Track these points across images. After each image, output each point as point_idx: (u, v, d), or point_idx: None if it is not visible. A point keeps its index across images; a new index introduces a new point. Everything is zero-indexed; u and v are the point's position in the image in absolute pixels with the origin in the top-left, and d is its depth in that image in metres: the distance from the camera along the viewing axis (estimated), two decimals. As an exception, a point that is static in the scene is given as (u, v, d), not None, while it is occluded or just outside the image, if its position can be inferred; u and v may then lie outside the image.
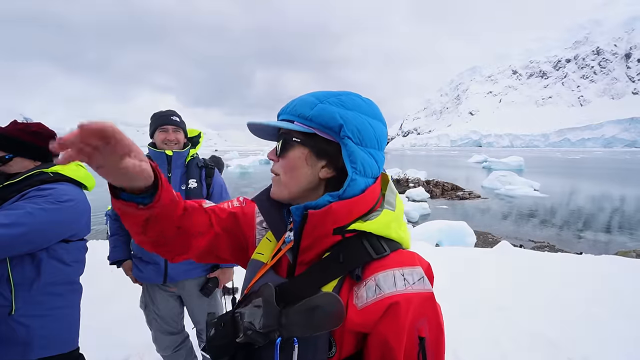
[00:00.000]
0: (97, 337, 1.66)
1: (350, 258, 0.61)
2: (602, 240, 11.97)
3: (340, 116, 0.63)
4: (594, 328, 2.86)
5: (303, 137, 0.66)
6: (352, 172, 0.63)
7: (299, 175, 0.67)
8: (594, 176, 34.52)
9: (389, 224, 0.65)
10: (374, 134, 0.66)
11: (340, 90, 0.69)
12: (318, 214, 0.62)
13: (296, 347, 0.56)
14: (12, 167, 1.37)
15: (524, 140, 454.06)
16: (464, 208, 18.09)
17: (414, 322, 0.58)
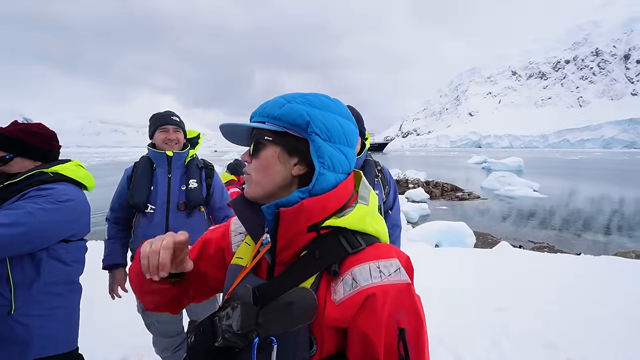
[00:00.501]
0: (96, 337, 1.66)
1: (326, 254, 0.62)
2: (602, 241, 11.98)
3: (307, 113, 0.64)
4: (594, 329, 2.86)
5: (274, 136, 0.66)
6: (319, 166, 0.63)
7: (273, 173, 0.67)
8: (593, 177, 34.56)
9: (364, 218, 0.66)
10: (342, 130, 0.67)
11: (309, 92, 0.71)
12: (290, 212, 0.62)
13: (275, 347, 0.56)
14: (12, 167, 1.37)
15: (524, 141, 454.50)
16: (464, 209, 18.10)
17: (392, 314, 0.58)
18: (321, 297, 0.60)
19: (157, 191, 1.86)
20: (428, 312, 3.10)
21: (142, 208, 1.83)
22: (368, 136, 2.05)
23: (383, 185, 1.97)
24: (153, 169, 1.92)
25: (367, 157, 1.98)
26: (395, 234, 2.05)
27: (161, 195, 1.86)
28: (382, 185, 1.96)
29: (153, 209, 1.84)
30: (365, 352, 0.58)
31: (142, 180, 1.87)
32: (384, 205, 2.00)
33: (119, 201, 1.92)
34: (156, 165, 1.92)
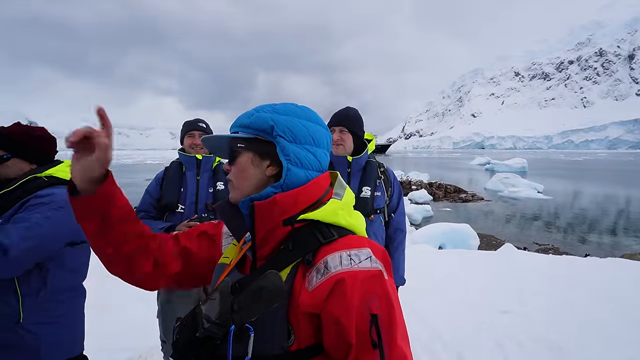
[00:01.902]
0: (101, 340, 1.67)
1: (299, 245, 0.65)
2: (608, 243, 11.86)
3: (271, 119, 0.70)
4: (599, 332, 2.84)
5: (246, 143, 0.73)
6: (286, 163, 0.69)
7: (249, 176, 0.72)
8: (598, 178, 34.29)
9: (336, 211, 0.69)
10: (307, 131, 0.72)
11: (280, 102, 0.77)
12: (264, 205, 0.66)
13: (252, 336, 0.58)
14: (8, 168, 1.36)
15: (527, 142, 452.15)
16: (467, 210, 18.01)
17: (363, 299, 0.60)
18: (297, 286, 0.63)
19: (186, 192, 1.99)
20: (431, 314, 3.08)
21: (173, 207, 1.96)
22: (372, 137, 2.04)
23: (386, 187, 1.93)
24: (183, 172, 2.05)
25: (369, 158, 1.97)
26: (398, 238, 1.97)
27: (190, 196, 1.99)
28: (384, 187, 1.92)
29: (183, 208, 1.96)
30: (338, 336, 0.60)
31: (174, 182, 2.00)
32: (387, 208, 1.95)
33: (149, 200, 2.01)
34: (186, 169, 2.06)
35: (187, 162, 2.04)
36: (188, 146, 2.06)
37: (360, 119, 1.95)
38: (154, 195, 2.02)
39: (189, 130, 2.07)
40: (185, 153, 2.06)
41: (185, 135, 2.08)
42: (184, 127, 2.11)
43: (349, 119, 1.89)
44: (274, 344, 0.60)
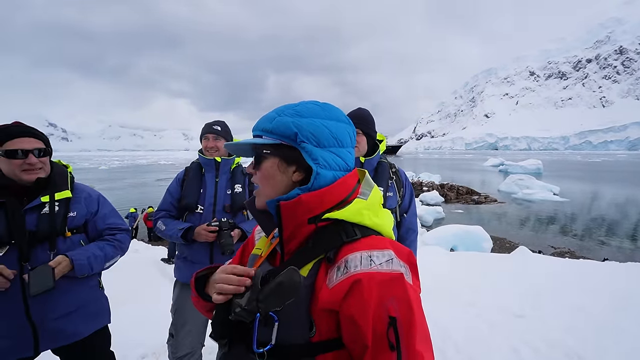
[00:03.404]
0: (115, 336, 1.71)
1: (321, 243, 0.68)
2: (628, 247, 11.46)
3: (294, 125, 0.70)
4: (619, 339, 2.73)
5: (272, 149, 0.73)
6: (315, 167, 0.69)
7: (275, 182, 0.73)
8: (617, 180, 33.17)
9: (361, 211, 0.70)
10: (331, 133, 0.72)
11: (299, 102, 0.77)
12: (289, 204, 0.68)
13: (276, 325, 0.63)
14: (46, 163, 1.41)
15: (542, 143, 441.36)
16: (480, 212, 17.69)
17: (381, 301, 0.61)
18: (319, 282, 0.66)
19: (205, 194, 2.03)
20: (443, 317, 3.03)
21: (192, 208, 1.99)
22: (383, 138, 2.02)
23: (397, 187, 1.93)
24: (202, 174, 2.10)
25: (381, 159, 1.96)
26: (410, 238, 1.98)
27: (209, 198, 2.02)
28: (396, 188, 1.92)
29: (202, 209, 2.00)
30: (354, 335, 0.61)
31: (193, 184, 2.04)
32: (398, 208, 1.95)
33: (170, 200, 2.07)
34: (205, 170, 2.10)
35: (206, 164, 2.08)
36: (204, 149, 2.11)
37: (373, 120, 1.94)
38: (174, 195, 2.06)
39: (204, 134, 2.12)
40: (203, 155, 2.10)
41: (202, 138, 2.13)
42: (202, 130, 2.17)
43: (363, 121, 1.87)
44: (296, 334, 0.64)
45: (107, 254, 1.50)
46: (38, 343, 1.34)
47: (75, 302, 1.44)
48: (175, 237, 1.91)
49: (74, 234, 1.46)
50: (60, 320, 1.39)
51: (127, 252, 1.66)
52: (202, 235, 1.85)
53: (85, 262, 1.39)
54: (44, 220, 1.35)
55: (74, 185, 1.53)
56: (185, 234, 1.89)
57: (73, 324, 1.43)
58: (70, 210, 1.45)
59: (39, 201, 1.36)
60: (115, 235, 1.58)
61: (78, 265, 1.37)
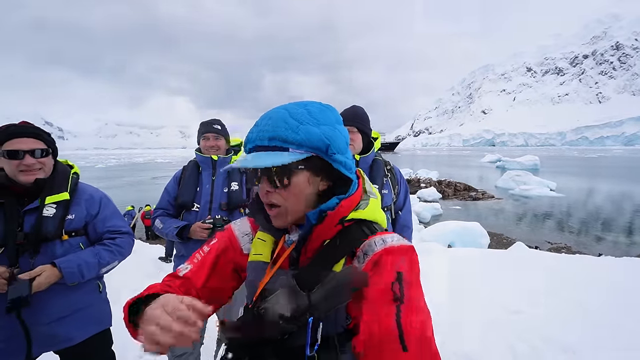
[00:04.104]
0: (123, 333, 1.71)
1: (347, 241, 0.70)
2: (623, 242, 11.56)
3: (325, 137, 0.68)
4: (615, 334, 2.76)
5: (304, 163, 0.69)
6: (354, 176, 0.73)
7: (305, 196, 0.71)
8: (613, 175, 33.40)
9: (377, 209, 0.76)
10: (344, 139, 0.73)
11: (305, 102, 0.74)
12: (334, 213, 0.69)
13: (321, 324, 0.63)
14: (46, 163, 1.39)
15: (539, 139, 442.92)
16: (477, 208, 17.78)
17: (394, 262, 0.66)
18: None
19: (202, 192, 2.04)
20: (440, 313, 3.01)
21: (188, 206, 2.01)
22: (378, 135, 2.02)
23: (392, 185, 1.94)
24: (199, 172, 2.10)
25: (376, 156, 1.96)
26: (405, 235, 1.97)
27: (205, 196, 2.03)
28: (391, 185, 1.93)
29: (198, 207, 2.01)
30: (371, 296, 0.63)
31: (190, 182, 2.05)
32: (394, 206, 1.96)
33: (167, 198, 2.07)
34: (202, 169, 2.11)
35: (203, 163, 2.10)
36: (203, 148, 2.11)
37: (368, 118, 1.94)
38: (172, 193, 2.08)
39: (204, 133, 2.11)
40: (201, 153, 2.11)
41: (201, 137, 2.12)
42: (201, 128, 2.15)
43: (358, 118, 1.88)
44: (337, 325, 0.67)
45: (101, 260, 1.46)
46: (31, 347, 1.32)
47: (69, 306, 1.42)
48: (172, 235, 1.91)
49: (73, 237, 1.43)
50: (53, 324, 1.37)
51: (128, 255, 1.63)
52: (197, 232, 1.86)
53: (75, 270, 1.36)
54: (40, 223, 1.33)
55: (77, 186, 1.50)
56: (181, 232, 1.90)
57: (66, 328, 1.40)
58: (69, 212, 1.42)
59: (37, 203, 1.34)
60: (115, 239, 1.55)
61: (67, 274, 1.34)
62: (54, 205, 1.38)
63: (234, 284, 0.86)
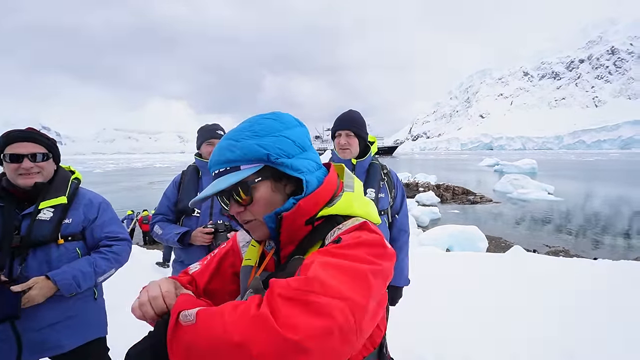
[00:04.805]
0: (108, 342, 1.71)
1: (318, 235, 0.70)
2: (621, 246, 11.59)
3: (260, 146, 0.69)
4: (613, 337, 2.77)
5: (260, 175, 0.70)
6: (302, 175, 0.71)
7: (275, 203, 0.72)
8: (610, 179, 33.56)
9: (351, 202, 0.73)
10: (294, 143, 0.73)
11: (253, 117, 0.76)
12: (290, 215, 0.69)
13: None
14: (45, 167, 1.39)
15: (537, 142, 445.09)
16: (475, 212, 17.80)
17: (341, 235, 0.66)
18: None
19: None
20: (438, 317, 3.02)
21: (189, 212, 1.98)
22: (374, 139, 2.03)
23: (389, 188, 1.94)
24: (199, 177, 2.07)
25: (372, 160, 1.97)
26: (402, 239, 1.99)
27: (206, 201, 1.98)
28: (388, 189, 1.93)
29: (199, 213, 1.97)
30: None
31: (190, 187, 2.02)
32: (390, 210, 1.96)
33: (167, 204, 2.04)
34: (202, 174, 2.08)
35: (203, 167, 2.07)
36: (207, 154, 2.06)
37: (364, 122, 1.95)
38: (171, 198, 2.04)
39: (208, 139, 2.07)
40: (201, 159, 2.08)
41: (204, 143, 2.09)
42: (202, 133, 2.11)
43: (354, 123, 1.89)
44: None
45: (97, 269, 1.44)
46: (21, 353, 1.31)
47: (62, 313, 1.40)
48: (172, 241, 1.89)
49: (69, 242, 1.42)
50: (44, 331, 1.35)
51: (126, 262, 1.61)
52: (198, 238, 1.84)
53: (70, 282, 1.34)
54: (34, 227, 1.34)
55: (76, 191, 1.49)
56: (182, 237, 1.88)
57: (57, 336, 1.38)
58: (66, 216, 1.42)
59: (35, 208, 1.35)
60: (112, 246, 1.53)
61: (63, 285, 1.32)
62: (52, 209, 1.38)
63: (234, 287, 0.87)
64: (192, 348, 0.50)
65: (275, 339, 0.45)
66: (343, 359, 0.50)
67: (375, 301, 0.56)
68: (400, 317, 2.40)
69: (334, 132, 1.95)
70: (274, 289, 0.52)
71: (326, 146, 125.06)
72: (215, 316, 0.51)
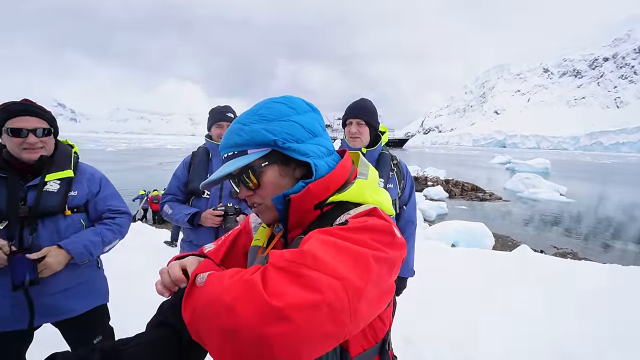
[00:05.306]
0: (115, 314, 1.76)
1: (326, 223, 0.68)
2: (632, 251, 11.37)
3: (267, 131, 0.69)
4: (617, 343, 2.74)
5: (267, 159, 0.71)
6: (311, 160, 0.70)
7: (284, 187, 0.72)
8: (626, 183, 32.66)
9: (363, 189, 0.72)
10: (303, 128, 0.72)
11: (263, 101, 0.76)
12: (298, 197, 0.69)
13: None
14: (48, 142, 1.41)
15: (552, 142, 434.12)
16: (484, 209, 17.61)
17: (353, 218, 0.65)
18: None
19: None
20: (440, 314, 3.02)
21: (199, 193, 2.00)
22: (385, 130, 2.01)
23: (398, 179, 1.93)
24: (209, 158, 2.09)
25: (382, 150, 1.96)
26: (409, 230, 1.99)
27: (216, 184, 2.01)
28: (397, 180, 1.92)
29: (208, 194, 2.00)
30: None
31: (200, 168, 2.04)
32: (398, 200, 1.96)
33: (176, 184, 2.07)
34: (212, 155, 2.10)
35: (213, 149, 2.09)
36: (216, 136, 2.09)
37: (376, 111, 1.93)
38: (181, 179, 2.07)
39: (218, 121, 2.09)
40: (211, 140, 2.10)
41: (213, 125, 2.11)
42: (213, 115, 2.13)
43: (366, 111, 1.86)
44: None
45: (104, 238, 1.50)
46: (33, 317, 1.37)
47: (73, 279, 1.48)
48: (182, 221, 1.92)
49: (75, 213, 1.48)
50: (56, 296, 1.42)
51: (126, 234, 1.67)
52: (208, 219, 1.87)
53: (82, 250, 1.41)
54: (43, 198, 1.37)
55: (77, 165, 1.53)
56: (191, 218, 1.91)
57: (69, 300, 1.46)
58: (71, 189, 1.46)
59: (41, 180, 1.38)
60: (115, 219, 1.59)
61: (77, 254, 1.39)
62: (58, 182, 1.42)
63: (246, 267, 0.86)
64: (197, 306, 0.52)
65: (259, 303, 0.46)
66: (332, 341, 0.49)
67: (376, 288, 0.55)
68: (401, 308, 2.41)
69: (344, 120, 1.93)
70: (269, 259, 0.53)
71: (336, 135, 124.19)
72: (218, 279, 0.53)
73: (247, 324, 0.45)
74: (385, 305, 0.63)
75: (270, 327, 0.44)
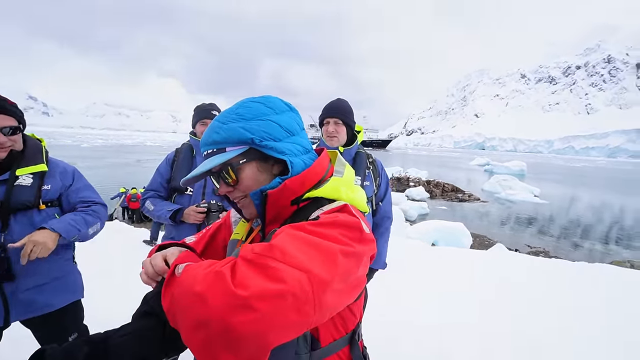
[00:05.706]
0: (91, 313, 1.73)
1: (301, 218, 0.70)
2: (599, 250, 12.01)
3: (245, 129, 0.71)
4: (580, 335, 2.90)
5: (245, 157, 0.73)
6: (287, 157, 0.73)
7: (262, 183, 0.74)
8: (595, 185, 34.47)
9: (338, 187, 0.75)
10: (281, 127, 0.74)
11: (242, 100, 0.78)
12: (275, 192, 0.71)
13: None
14: (16, 140, 1.37)
15: (528, 145, 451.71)
16: (463, 210, 18.14)
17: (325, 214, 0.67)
18: None
19: None
20: (418, 311, 3.09)
21: (182, 190, 2.00)
22: (361, 129, 2.07)
23: (374, 176, 2.00)
24: (193, 155, 2.09)
25: (358, 149, 2.02)
26: (385, 225, 2.07)
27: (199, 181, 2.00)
28: (373, 177, 1.99)
29: (192, 191, 2.01)
30: None
31: (183, 165, 2.04)
32: (374, 197, 2.03)
33: (159, 180, 2.05)
34: (196, 153, 2.09)
35: (197, 146, 2.08)
36: (200, 133, 2.09)
37: (352, 111, 2.00)
38: (164, 175, 2.06)
39: (203, 118, 2.09)
40: (196, 137, 2.10)
41: (198, 122, 2.11)
42: (198, 113, 2.13)
43: (343, 111, 1.92)
44: None
45: (86, 218, 1.49)
46: (9, 313, 1.34)
47: (48, 274, 1.45)
48: (164, 217, 1.91)
49: (49, 207, 1.46)
50: (32, 291, 1.40)
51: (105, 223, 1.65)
52: (191, 216, 1.87)
53: (68, 227, 1.40)
54: (15, 192, 1.34)
55: (48, 159, 1.51)
56: (174, 215, 1.90)
57: (45, 295, 1.44)
58: (44, 183, 1.44)
59: (11, 174, 1.35)
60: (90, 206, 1.57)
61: (64, 230, 1.37)
62: (31, 176, 1.40)
63: None
64: (173, 296, 0.54)
65: (226, 294, 0.47)
66: (297, 329, 0.50)
67: (343, 282, 0.56)
68: (379, 302, 2.46)
69: (322, 120, 1.98)
70: (240, 252, 0.55)
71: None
72: (194, 270, 0.54)
73: (215, 313, 0.47)
74: (355, 298, 0.65)
75: (236, 316, 0.46)
